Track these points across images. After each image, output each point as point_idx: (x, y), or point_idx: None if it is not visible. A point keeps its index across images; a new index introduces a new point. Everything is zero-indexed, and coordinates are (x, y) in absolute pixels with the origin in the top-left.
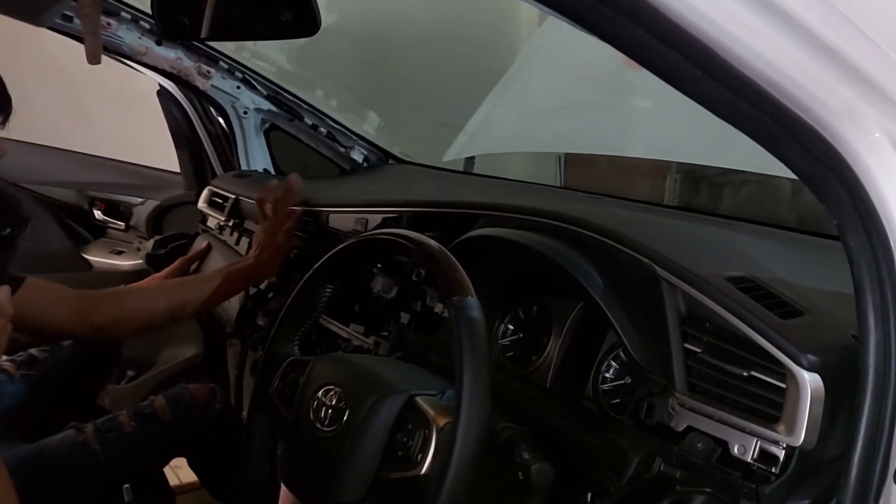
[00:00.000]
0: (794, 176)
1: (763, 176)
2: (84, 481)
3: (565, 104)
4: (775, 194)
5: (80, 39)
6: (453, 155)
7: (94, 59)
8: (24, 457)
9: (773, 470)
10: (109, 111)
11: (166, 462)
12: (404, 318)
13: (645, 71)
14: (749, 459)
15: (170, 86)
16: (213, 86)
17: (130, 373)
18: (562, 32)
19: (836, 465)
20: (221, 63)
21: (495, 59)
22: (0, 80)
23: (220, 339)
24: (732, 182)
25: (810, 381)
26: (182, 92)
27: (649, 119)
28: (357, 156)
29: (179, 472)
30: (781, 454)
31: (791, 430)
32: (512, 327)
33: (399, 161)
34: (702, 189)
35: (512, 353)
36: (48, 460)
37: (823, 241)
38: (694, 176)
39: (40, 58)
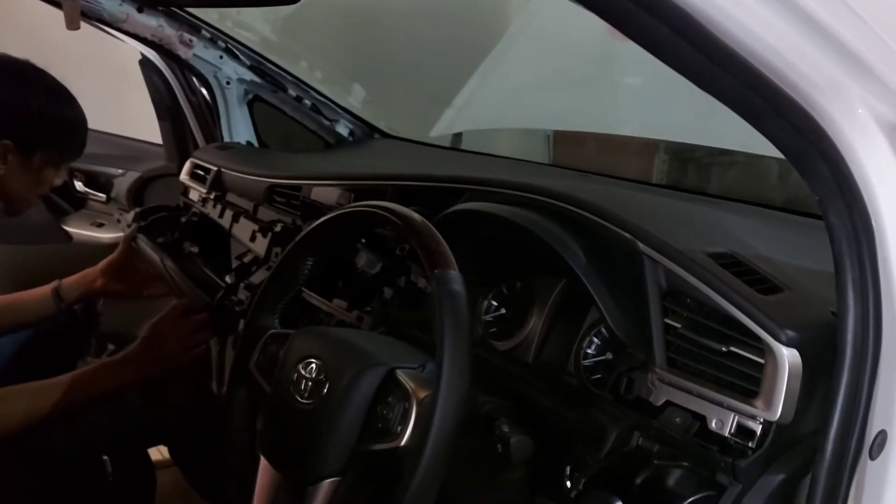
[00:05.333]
0: (781, 156)
1: (751, 157)
2: (48, 466)
3: (555, 80)
4: (763, 175)
5: (57, 5)
6: (441, 130)
7: (72, 25)
8: None
9: (749, 444)
10: (91, 82)
11: (142, 450)
12: (388, 293)
13: (633, 46)
14: (726, 434)
15: (152, 55)
16: (195, 55)
17: (111, 346)
18: (552, 7)
19: (813, 439)
20: (204, 32)
21: (485, 32)
22: (84, 123)
23: None
24: (721, 163)
25: (788, 357)
26: (164, 61)
27: (639, 97)
28: (342, 129)
29: (163, 448)
30: (758, 429)
31: (768, 404)
32: (495, 303)
33: (385, 135)
34: (690, 169)
35: (495, 330)
36: (13, 441)
37: (808, 221)
38: (683, 156)
39: (16, 25)
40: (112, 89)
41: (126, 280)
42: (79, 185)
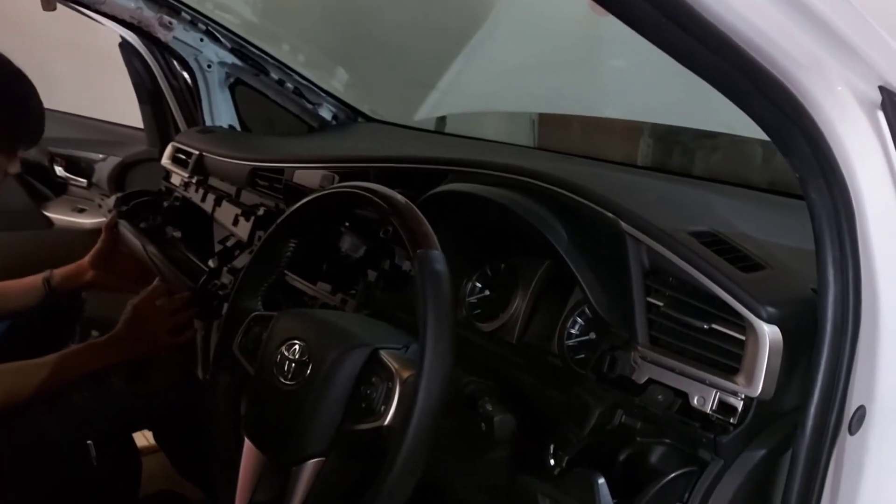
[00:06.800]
0: (765, 137)
1: (736, 141)
2: (33, 452)
3: (540, 63)
4: (747, 157)
5: None
6: (425, 113)
7: (48, 6)
8: None
9: (731, 420)
10: (71, 65)
11: (126, 433)
12: (372, 276)
13: (617, 28)
14: (708, 410)
15: (132, 38)
16: (175, 38)
17: (94, 333)
18: None
19: (793, 415)
20: (184, 14)
21: (469, 13)
22: (41, 109)
23: None
24: (705, 145)
25: (769, 333)
26: (144, 44)
27: (624, 79)
28: (325, 113)
29: (147, 433)
30: (740, 405)
31: (749, 381)
32: (479, 285)
33: (369, 119)
34: (675, 151)
35: (479, 311)
36: None
37: (791, 201)
38: (667, 138)
39: None
40: (92, 73)
41: (115, 271)
42: (59, 170)
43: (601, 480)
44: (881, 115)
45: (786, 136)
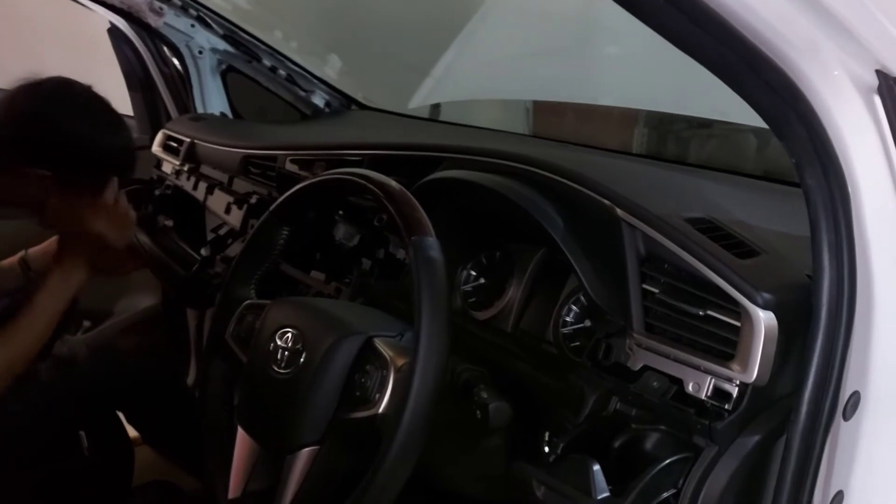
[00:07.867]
0: (761, 125)
1: (731, 130)
2: (22, 441)
3: (535, 50)
4: (743, 145)
5: None
6: (419, 101)
7: None
8: None
9: (726, 406)
10: (60, 52)
11: (96, 415)
12: (366, 264)
13: (612, 13)
14: (703, 397)
15: (121, 23)
16: (165, 23)
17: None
18: None
19: (788, 401)
20: (175, 0)
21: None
22: (130, 141)
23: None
24: (700, 132)
25: (764, 319)
26: (134, 30)
27: (619, 66)
28: (318, 100)
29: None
30: (735, 391)
31: (744, 367)
32: (474, 273)
33: (362, 107)
34: (670, 138)
35: (474, 299)
36: None
37: (785, 188)
38: (663, 126)
39: None
40: (81, 59)
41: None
42: None
43: (596, 467)
44: (877, 99)
45: (782, 119)
